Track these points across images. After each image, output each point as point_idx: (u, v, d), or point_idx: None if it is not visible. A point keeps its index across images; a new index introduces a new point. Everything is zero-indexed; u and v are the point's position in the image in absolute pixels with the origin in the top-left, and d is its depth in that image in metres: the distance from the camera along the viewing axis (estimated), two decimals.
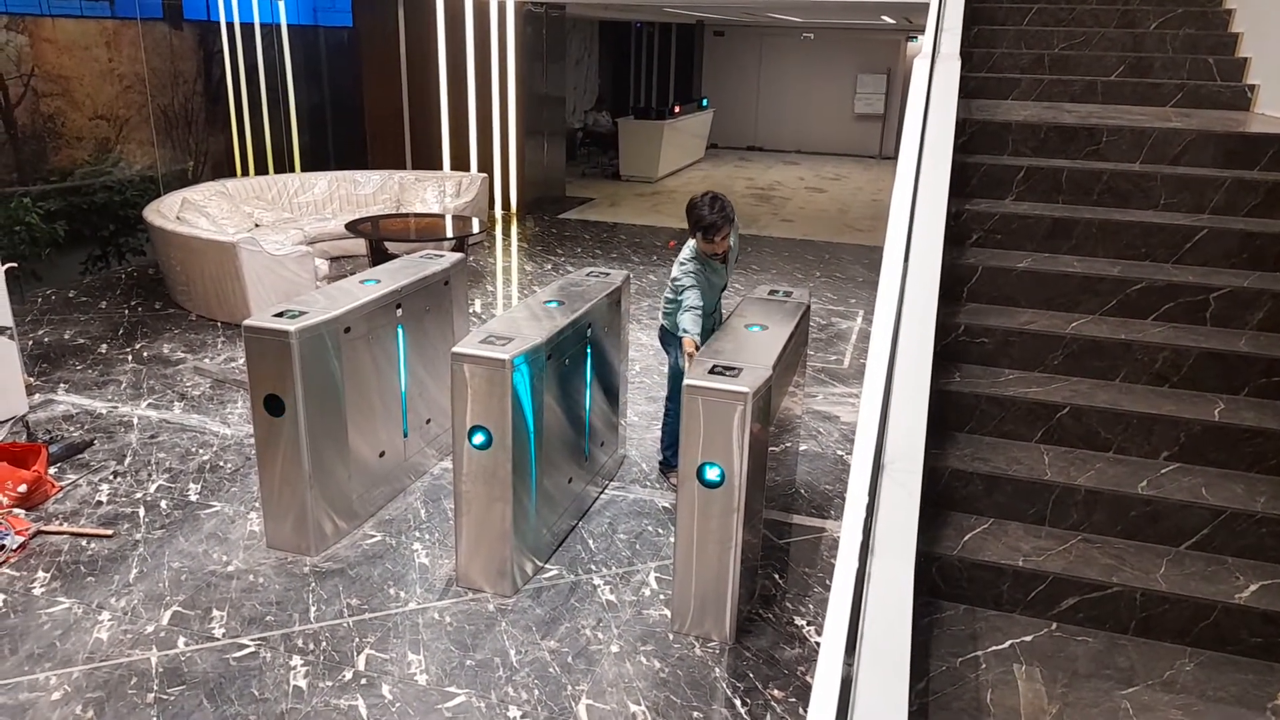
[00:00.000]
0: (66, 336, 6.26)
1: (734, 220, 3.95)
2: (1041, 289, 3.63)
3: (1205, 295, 3.45)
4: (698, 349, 3.69)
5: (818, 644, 3.29)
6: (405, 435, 4.31)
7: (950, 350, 3.50)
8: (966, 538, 2.96)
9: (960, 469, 3.08)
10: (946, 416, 3.29)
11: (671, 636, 3.39)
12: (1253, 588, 2.73)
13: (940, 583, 2.90)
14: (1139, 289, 3.51)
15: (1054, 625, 2.82)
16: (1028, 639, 2.76)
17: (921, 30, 5.84)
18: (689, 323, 3.87)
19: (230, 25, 8.93)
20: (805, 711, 2.79)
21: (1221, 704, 2.51)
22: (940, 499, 3.10)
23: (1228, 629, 2.69)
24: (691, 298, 3.94)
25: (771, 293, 4.25)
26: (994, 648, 2.72)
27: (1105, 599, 2.77)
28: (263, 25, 9.25)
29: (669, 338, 4.30)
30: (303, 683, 3.09)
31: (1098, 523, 2.99)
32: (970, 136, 4.29)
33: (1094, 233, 3.78)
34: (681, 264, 4.06)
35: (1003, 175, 4.07)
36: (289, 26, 9.56)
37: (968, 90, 5.00)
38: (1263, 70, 4.91)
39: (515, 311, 3.88)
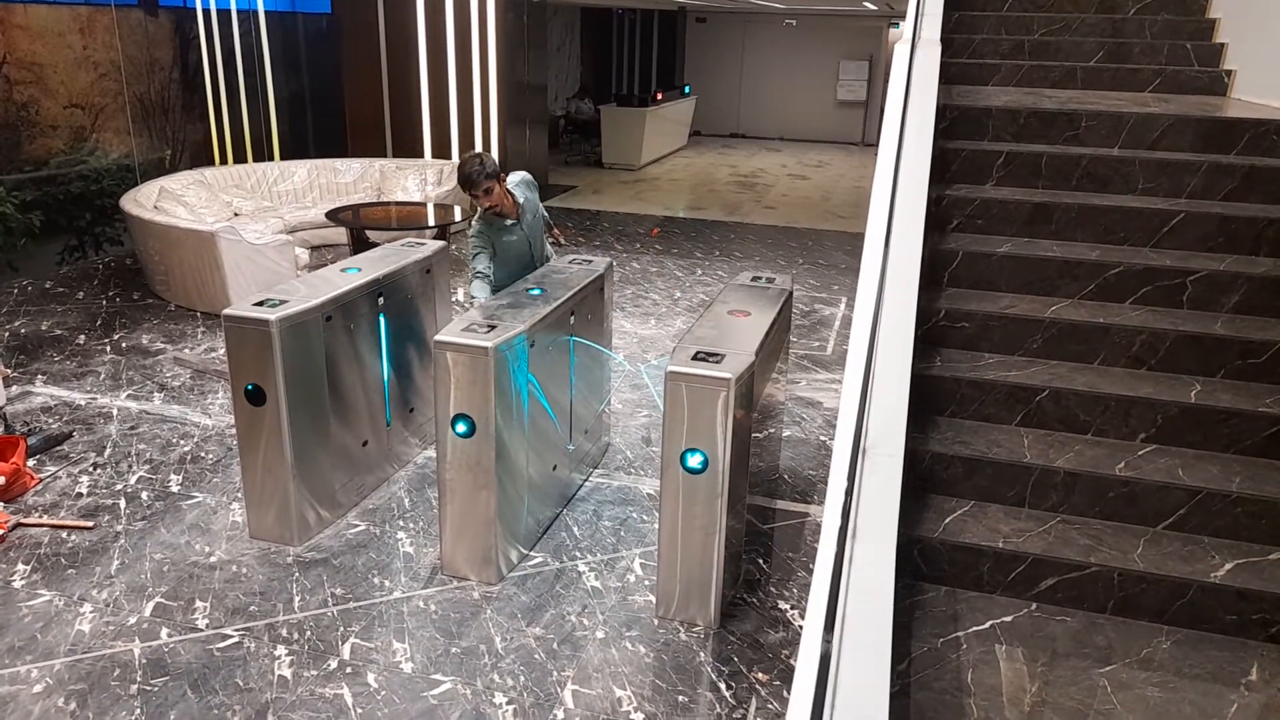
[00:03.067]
0: (44, 328, 6.20)
1: (496, 174, 3.91)
2: (1021, 273, 3.65)
3: (1182, 279, 3.48)
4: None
5: (801, 627, 3.31)
6: (388, 424, 4.30)
7: (931, 335, 3.52)
8: (947, 520, 2.99)
9: (941, 452, 3.10)
10: (927, 400, 3.31)
11: (656, 622, 3.41)
12: (1228, 566, 2.77)
13: (922, 565, 2.93)
14: (1117, 273, 3.54)
15: (1034, 605, 2.85)
16: (1008, 619, 2.79)
17: (903, 16, 5.85)
18: (476, 289, 4.00)
19: (206, 12, 8.82)
20: (789, 694, 2.82)
21: (1197, 680, 2.55)
22: (921, 482, 3.13)
23: (1204, 607, 2.73)
24: (478, 264, 4.05)
25: (754, 279, 4.26)
26: (975, 628, 2.75)
27: (1084, 579, 2.81)
28: (240, 12, 9.13)
29: None
30: (287, 672, 3.08)
31: (1076, 504, 3.02)
32: (951, 122, 4.30)
33: (1073, 217, 3.81)
34: (470, 229, 4.13)
35: (983, 161, 4.08)
36: (266, 13, 9.44)
37: (948, 76, 5.01)
38: (1239, 56, 4.94)
39: (498, 299, 3.87)
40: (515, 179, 4.21)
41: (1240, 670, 2.59)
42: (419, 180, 8.81)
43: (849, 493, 2.10)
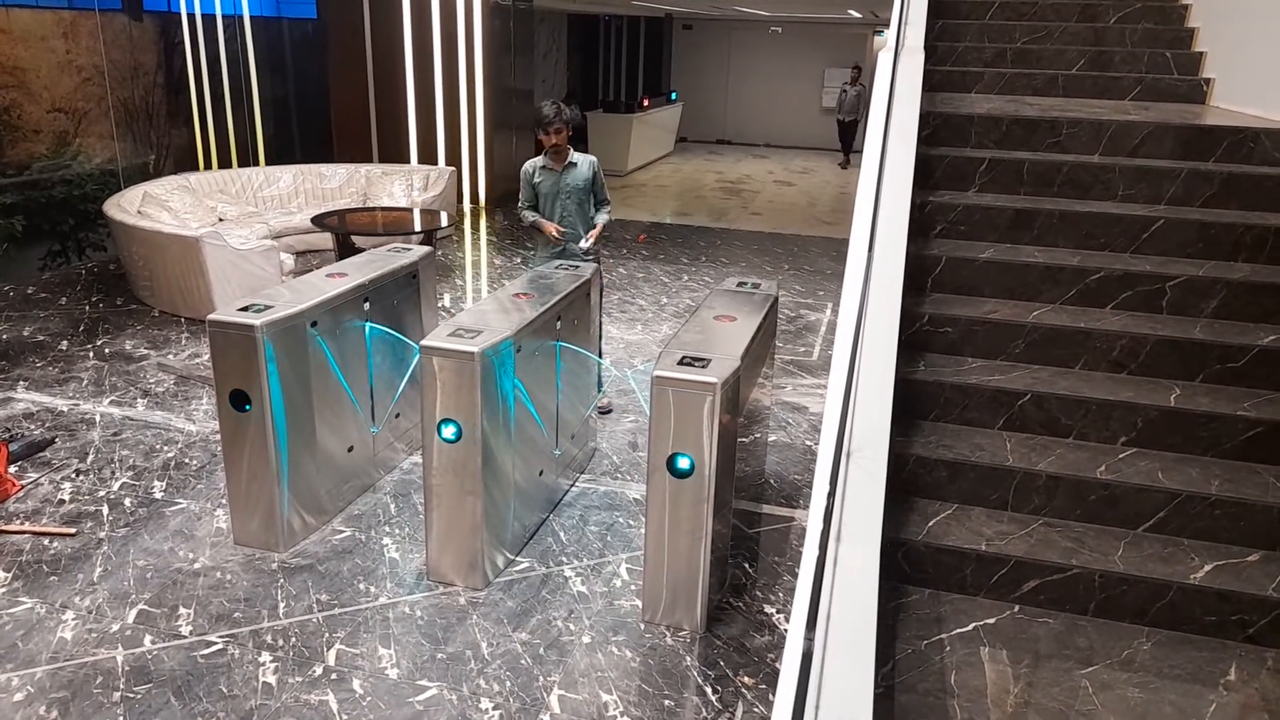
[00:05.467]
0: (26, 333, 6.15)
1: (568, 123, 4.71)
2: (1004, 279, 3.68)
3: (1162, 284, 3.53)
4: (559, 234, 4.78)
5: (787, 631, 3.32)
6: (374, 430, 4.29)
7: (915, 339, 3.55)
8: (931, 523, 3.01)
9: (925, 456, 3.12)
10: (911, 405, 3.34)
11: (643, 626, 3.41)
12: (1207, 568, 2.81)
13: (906, 568, 2.95)
14: (1098, 278, 3.58)
15: (1016, 608, 2.88)
16: (991, 621, 2.82)
17: (887, 24, 5.91)
18: (528, 217, 4.92)
19: (191, 16, 8.79)
20: (775, 697, 2.82)
21: (1177, 681, 2.58)
22: (905, 485, 3.15)
23: (1183, 608, 2.76)
24: (521, 198, 4.95)
25: (740, 284, 4.28)
26: (958, 630, 2.77)
27: (1065, 581, 2.83)
28: (225, 17, 9.11)
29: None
30: (272, 679, 3.07)
31: (1058, 507, 3.05)
32: (934, 129, 4.34)
33: (1054, 223, 3.85)
34: (530, 162, 4.93)
35: (966, 167, 4.12)
36: (251, 18, 9.42)
37: (932, 84, 5.06)
38: (1218, 64, 5.01)
39: (484, 305, 3.87)
40: (588, 157, 4.95)
41: (1219, 670, 2.62)
42: (405, 185, 8.80)
43: (833, 496, 2.12)
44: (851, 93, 15.32)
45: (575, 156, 4.88)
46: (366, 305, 4.10)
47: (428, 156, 10.72)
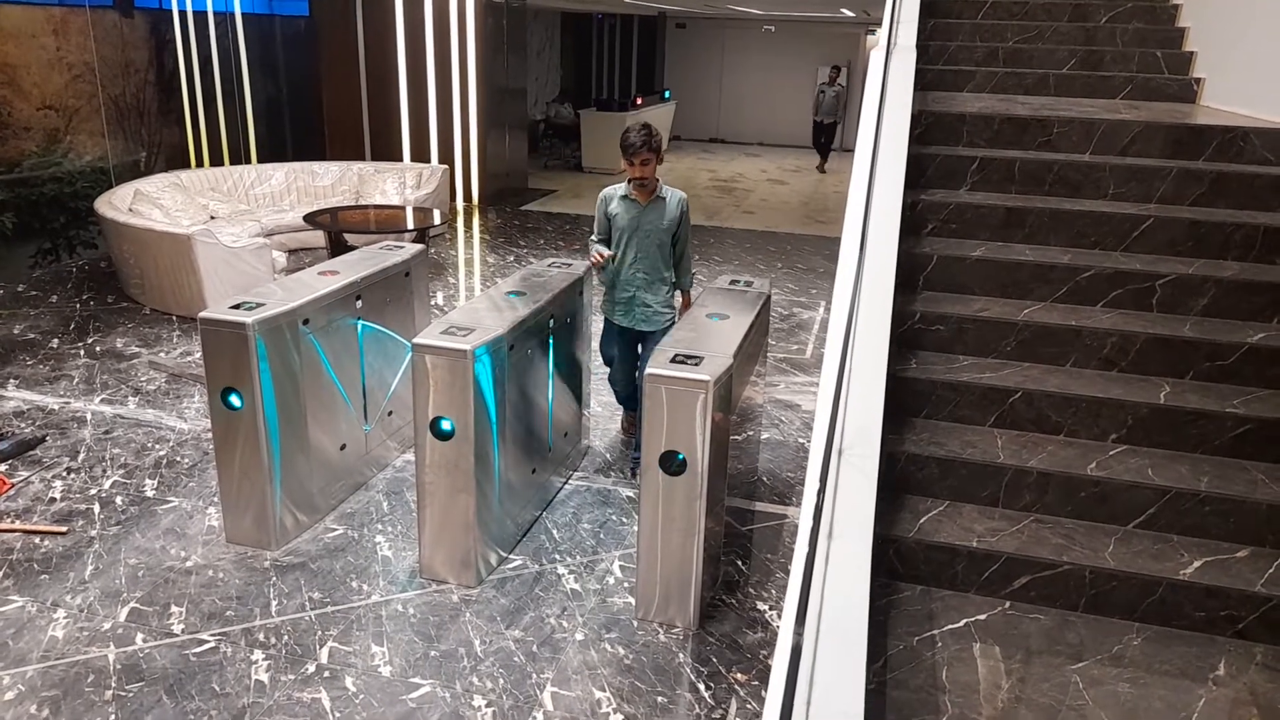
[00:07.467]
0: (16, 331, 6.12)
1: (657, 150, 4.10)
2: (995, 277, 3.70)
3: (1152, 282, 3.54)
4: (604, 259, 4.22)
5: (779, 628, 3.33)
6: (366, 428, 4.29)
7: (906, 337, 3.56)
8: (922, 520, 3.02)
9: (916, 453, 3.14)
10: (903, 402, 3.35)
11: (636, 623, 3.42)
12: (1196, 564, 2.82)
13: (897, 564, 2.96)
14: (1088, 276, 3.59)
15: (1007, 604, 2.89)
16: (982, 618, 2.83)
17: (879, 23, 5.92)
18: (592, 247, 4.33)
19: (183, 14, 8.76)
20: (768, 693, 2.83)
21: (1166, 676, 2.60)
22: (897, 483, 3.16)
23: (1173, 604, 2.77)
24: (594, 230, 4.44)
25: (733, 283, 4.29)
26: (950, 626, 2.78)
27: (1056, 577, 2.85)
28: (216, 14, 9.08)
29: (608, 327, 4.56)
30: (264, 677, 3.07)
31: (1049, 504, 3.07)
32: (926, 128, 4.35)
33: (1045, 222, 3.86)
34: (606, 190, 4.41)
35: (957, 166, 4.14)
36: (243, 15, 9.39)
37: (924, 82, 5.07)
38: (1208, 64, 5.04)
39: (477, 302, 3.87)
40: (677, 192, 4.41)
41: (1208, 666, 2.64)
42: (398, 184, 8.79)
43: (824, 493, 2.12)
44: (830, 94, 15.07)
45: (665, 190, 4.25)
46: (359, 303, 4.09)
47: (420, 154, 10.70)
